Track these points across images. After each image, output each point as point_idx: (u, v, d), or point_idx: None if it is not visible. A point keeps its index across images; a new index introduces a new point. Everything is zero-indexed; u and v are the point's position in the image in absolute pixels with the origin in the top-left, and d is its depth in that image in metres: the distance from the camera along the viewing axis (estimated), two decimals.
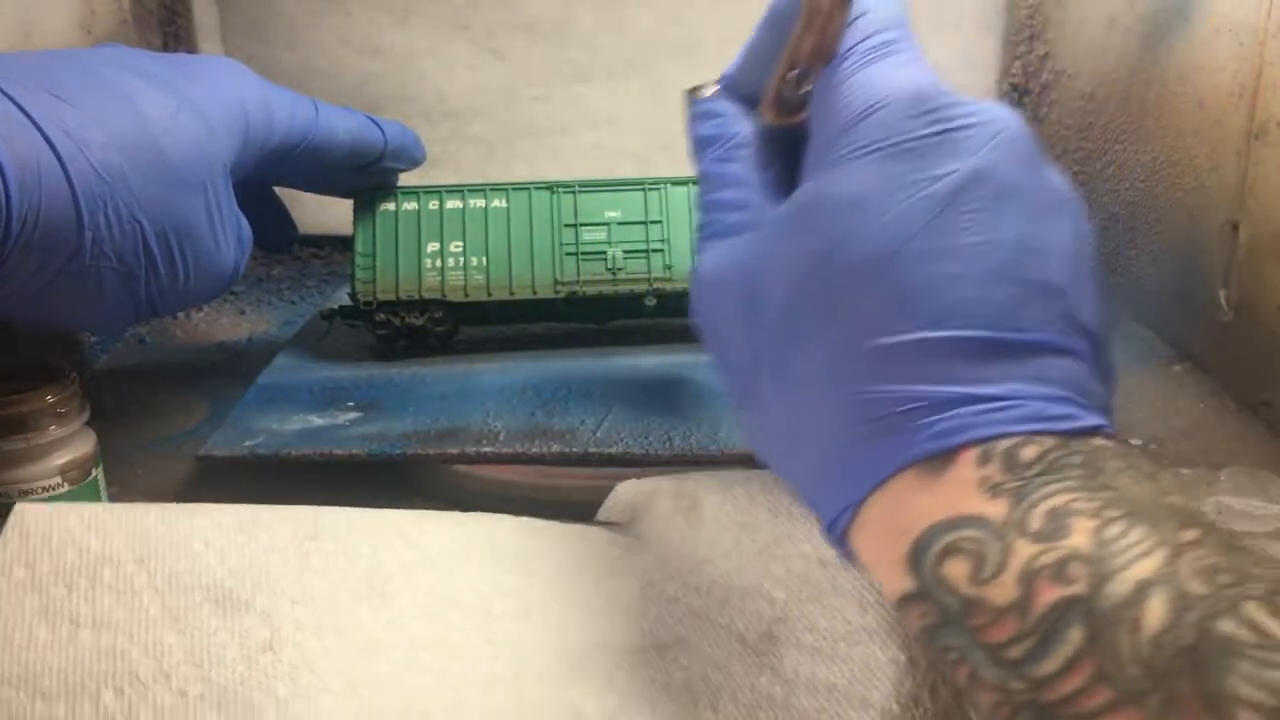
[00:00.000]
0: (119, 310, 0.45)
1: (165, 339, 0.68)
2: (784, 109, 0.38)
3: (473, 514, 0.41)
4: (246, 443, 0.49)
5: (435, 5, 0.76)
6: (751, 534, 0.40)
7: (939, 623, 0.28)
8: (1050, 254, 0.30)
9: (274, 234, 0.62)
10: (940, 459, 0.28)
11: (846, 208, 0.31)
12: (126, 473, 0.51)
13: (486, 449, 0.48)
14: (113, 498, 0.46)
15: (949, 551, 0.27)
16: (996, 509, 0.27)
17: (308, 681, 0.32)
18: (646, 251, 0.59)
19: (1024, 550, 0.26)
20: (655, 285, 0.59)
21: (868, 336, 0.30)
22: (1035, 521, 0.26)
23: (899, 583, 0.29)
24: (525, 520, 0.42)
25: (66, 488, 0.42)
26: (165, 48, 0.75)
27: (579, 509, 0.44)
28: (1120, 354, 0.62)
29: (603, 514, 0.44)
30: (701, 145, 0.39)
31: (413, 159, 0.60)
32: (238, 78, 0.50)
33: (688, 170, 0.61)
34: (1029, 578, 0.26)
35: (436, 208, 0.59)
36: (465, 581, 0.37)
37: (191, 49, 0.76)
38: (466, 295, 0.58)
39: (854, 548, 0.31)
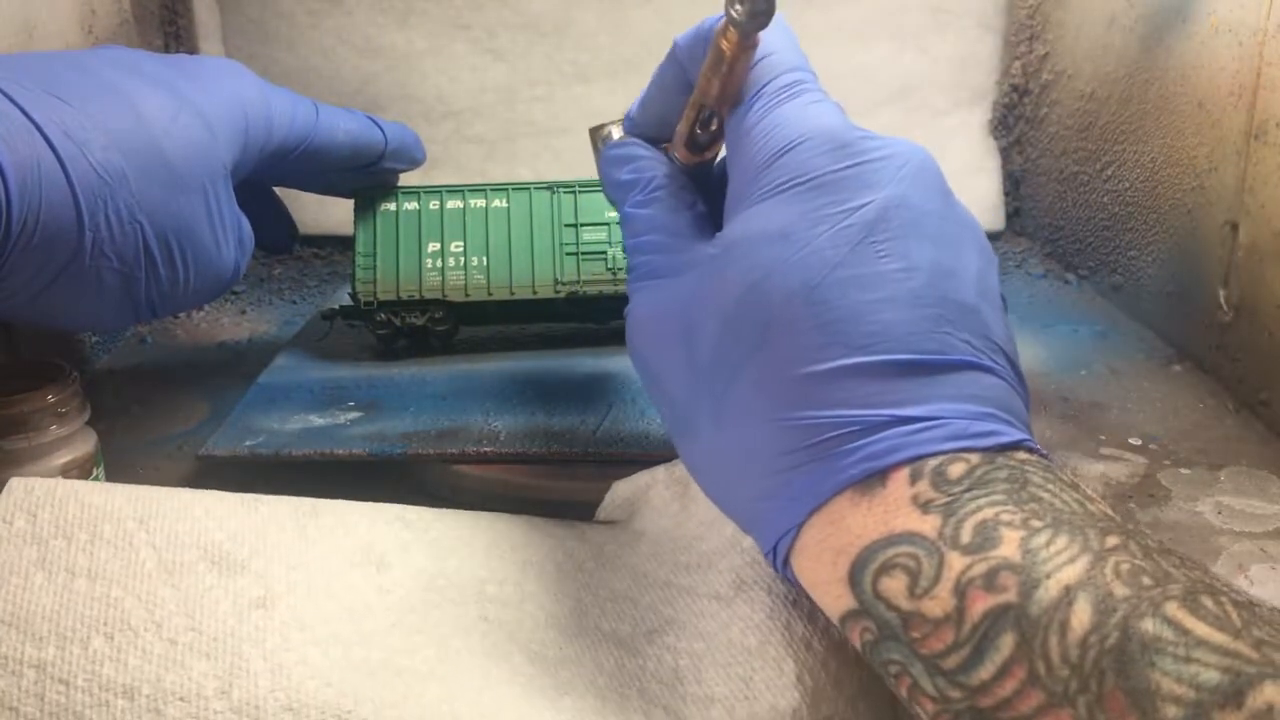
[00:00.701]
0: (119, 311, 0.46)
1: (166, 339, 0.68)
2: (695, 148, 0.40)
3: (472, 512, 0.41)
4: (247, 442, 0.49)
5: (435, 5, 0.76)
6: None
7: (879, 638, 0.28)
8: (962, 276, 0.32)
9: (275, 234, 0.62)
10: (873, 480, 0.29)
11: (771, 241, 0.32)
12: (127, 473, 0.51)
13: (486, 449, 0.48)
14: None
15: (886, 568, 0.28)
16: (929, 525, 0.28)
17: (297, 638, 0.33)
18: None
19: (957, 563, 0.27)
20: None
21: (797, 364, 0.31)
22: (966, 535, 0.27)
23: (840, 601, 0.30)
24: (523, 517, 0.42)
25: None
26: (166, 48, 0.75)
27: (579, 509, 0.44)
28: (1120, 354, 0.62)
29: (601, 512, 0.44)
30: (621, 189, 0.40)
31: (413, 159, 0.60)
32: (238, 79, 0.50)
33: None
34: (962, 589, 0.27)
35: (437, 208, 0.59)
36: (460, 563, 0.38)
37: (192, 49, 0.76)
38: (467, 295, 0.58)
39: (795, 570, 0.32)
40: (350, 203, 0.60)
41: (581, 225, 0.59)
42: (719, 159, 0.41)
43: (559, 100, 0.78)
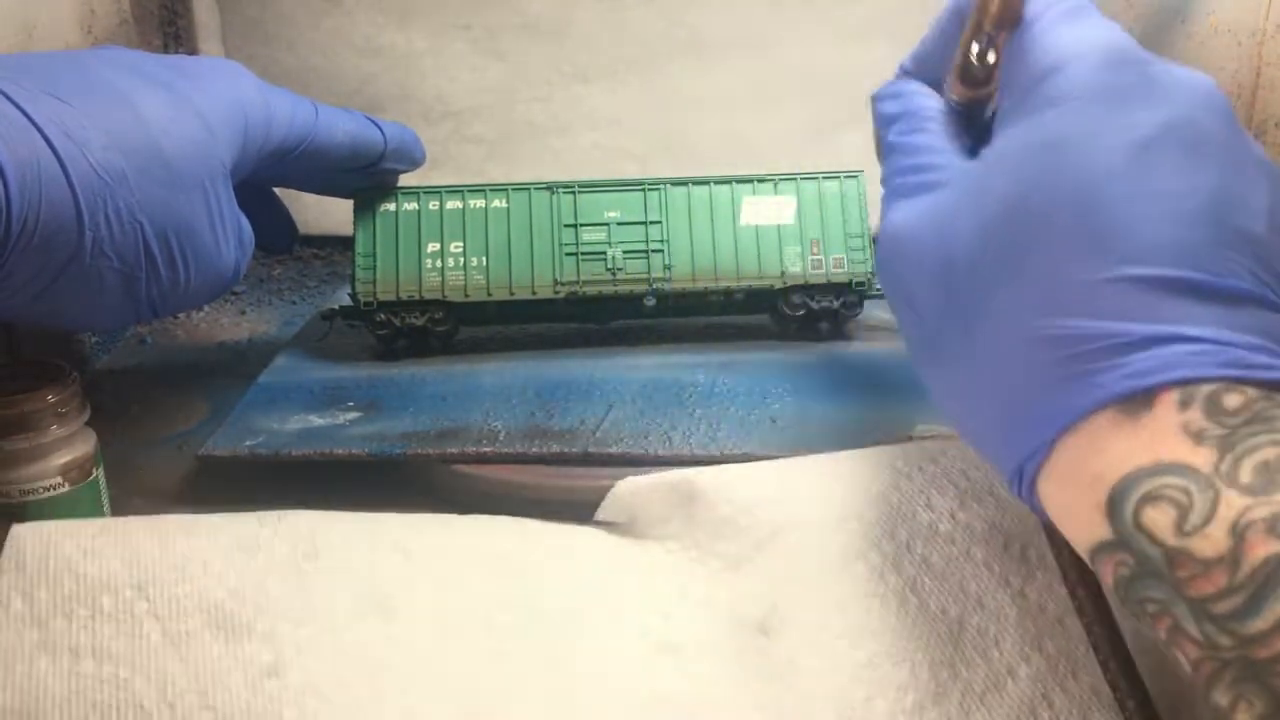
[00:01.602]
0: (119, 311, 0.46)
1: (166, 339, 0.68)
2: (970, 81, 0.38)
3: (468, 517, 0.41)
4: (247, 443, 0.49)
5: (435, 5, 0.76)
6: (749, 528, 0.40)
7: (1138, 573, 0.27)
8: (1248, 205, 0.30)
9: (274, 235, 0.62)
10: (1138, 400, 0.28)
11: (1044, 150, 0.31)
12: (127, 473, 0.51)
13: (486, 449, 0.48)
14: (113, 498, 0.46)
15: (1151, 499, 0.27)
16: (1202, 457, 0.26)
17: (313, 706, 0.32)
18: (646, 252, 0.59)
19: (1235, 502, 0.25)
20: (655, 285, 0.59)
21: (1064, 274, 0.29)
22: (1246, 474, 0.26)
23: (1093, 531, 0.28)
24: (522, 523, 0.41)
25: (67, 488, 0.42)
26: (166, 48, 0.75)
27: (579, 509, 0.44)
28: None
29: (601, 513, 0.44)
30: (887, 121, 0.40)
31: (412, 160, 0.60)
32: (237, 79, 0.50)
33: (687, 170, 0.62)
34: (1241, 531, 0.25)
35: (436, 208, 0.59)
36: (465, 594, 0.37)
37: (192, 50, 0.76)
38: (466, 295, 0.58)
39: (1041, 496, 0.30)
40: (350, 203, 0.60)
41: (581, 225, 0.59)
42: (991, 104, 0.40)
43: (559, 100, 0.78)
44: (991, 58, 0.37)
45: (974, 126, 0.39)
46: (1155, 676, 0.33)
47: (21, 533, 0.35)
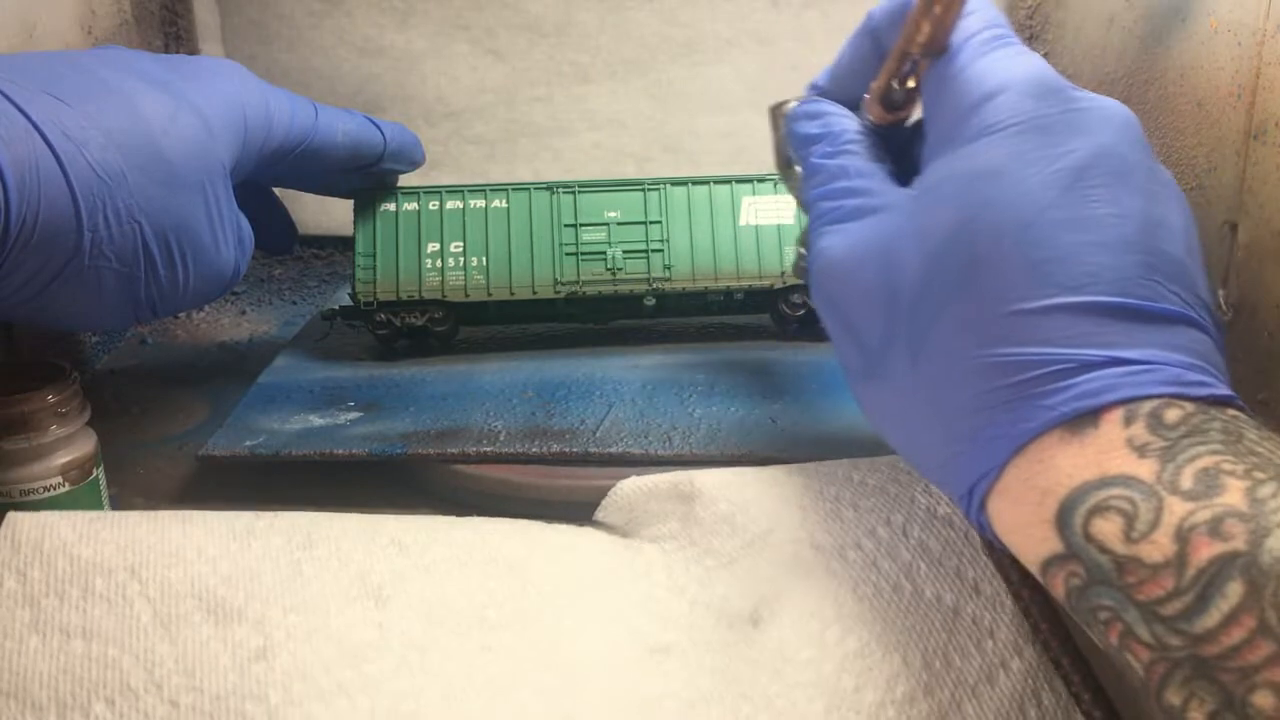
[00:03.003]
0: (119, 311, 0.46)
1: (166, 339, 0.68)
2: (890, 105, 0.39)
3: (467, 519, 0.41)
4: (247, 443, 0.49)
5: (435, 5, 0.76)
6: (744, 525, 0.39)
7: (1088, 582, 0.28)
8: (1171, 229, 0.32)
9: (274, 235, 0.62)
10: (1085, 419, 0.29)
11: (982, 179, 0.32)
12: (127, 473, 0.51)
13: (486, 449, 0.48)
14: (113, 498, 0.46)
15: (1098, 510, 0.28)
16: (1146, 468, 0.28)
17: (299, 690, 0.32)
18: (646, 252, 0.59)
19: (1177, 508, 0.27)
20: (655, 285, 0.59)
21: (1007, 301, 0.31)
22: (1186, 480, 0.27)
23: (1044, 545, 0.29)
24: (520, 524, 0.41)
25: (67, 487, 0.42)
26: (166, 48, 0.75)
27: (579, 509, 0.44)
28: None
29: (600, 512, 0.44)
30: (807, 142, 0.41)
31: (412, 160, 0.60)
32: (237, 79, 0.50)
33: (687, 170, 0.62)
34: (1184, 534, 0.26)
35: (437, 208, 0.59)
36: (459, 589, 0.37)
37: (192, 50, 0.76)
38: (466, 295, 0.58)
39: (991, 515, 0.31)
40: (350, 203, 0.60)
41: (581, 225, 0.59)
42: (908, 123, 0.40)
43: (559, 101, 0.78)
44: (912, 83, 0.38)
45: (891, 150, 0.40)
46: (1114, 692, 0.33)
47: (18, 516, 0.35)
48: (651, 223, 0.59)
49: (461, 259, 0.59)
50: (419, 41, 0.77)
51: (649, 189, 0.60)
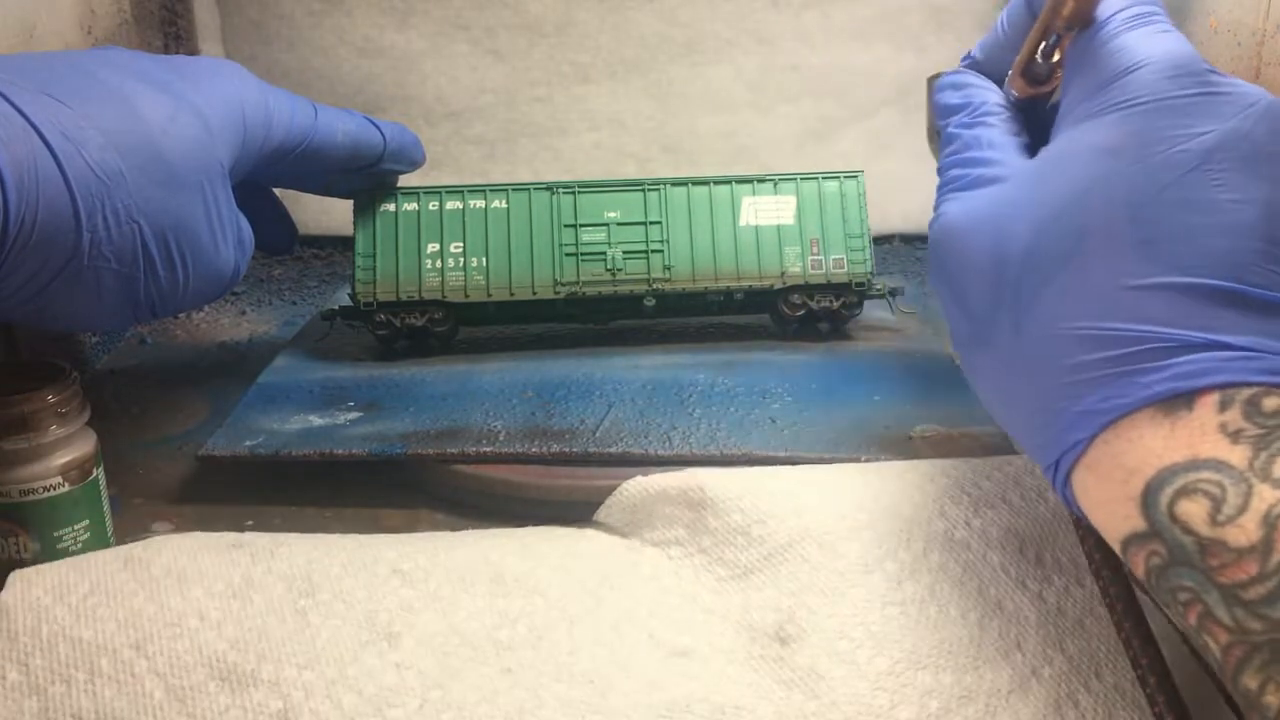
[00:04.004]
0: (118, 311, 0.45)
1: (166, 339, 0.68)
2: (1032, 78, 0.39)
3: (463, 534, 0.40)
4: (247, 443, 0.49)
5: (435, 5, 0.76)
6: (762, 538, 0.39)
7: (1170, 562, 0.28)
8: None
9: (274, 235, 0.62)
10: (1179, 400, 0.29)
11: (1102, 154, 0.32)
12: (127, 473, 0.51)
13: (486, 449, 0.48)
14: (113, 498, 0.46)
15: (1186, 491, 0.28)
16: (1237, 454, 0.27)
17: None
18: (646, 252, 0.59)
19: (1267, 495, 0.27)
20: (655, 286, 0.59)
21: (1113, 276, 0.31)
22: (1278, 469, 0.27)
23: (1127, 522, 0.29)
24: (518, 534, 0.41)
25: (67, 488, 0.42)
26: (166, 49, 0.75)
27: (579, 509, 0.44)
28: None
29: (603, 511, 0.44)
30: (947, 112, 0.41)
31: (412, 160, 0.60)
32: (236, 79, 0.50)
33: (687, 170, 0.61)
34: (1272, 522, 0.26)
35: (436, 208, 0.59)
36: (468, 613, 0.36)
37: (192, 50, 0.76)
38: (466, 296, 0.58)
39: (1075, 488, 0.32)
40: (350, 203, 0.60)
41: (581, 226, 0.59)
42: (1052, 100, 0.40)
43: (559, 101, 0.78)
44: (1056, 56, 0.38)
45: (1032, 124, 0.40)
46: (1179, 675, 0.33)
47: (8, 602, 0.34)
48: (651, 223, 0.59)
49: (461, 259, 0.59)
50: (419, 41, 0.77)
51: (649, 189, 0.60)
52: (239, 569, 0.36)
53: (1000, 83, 0.41)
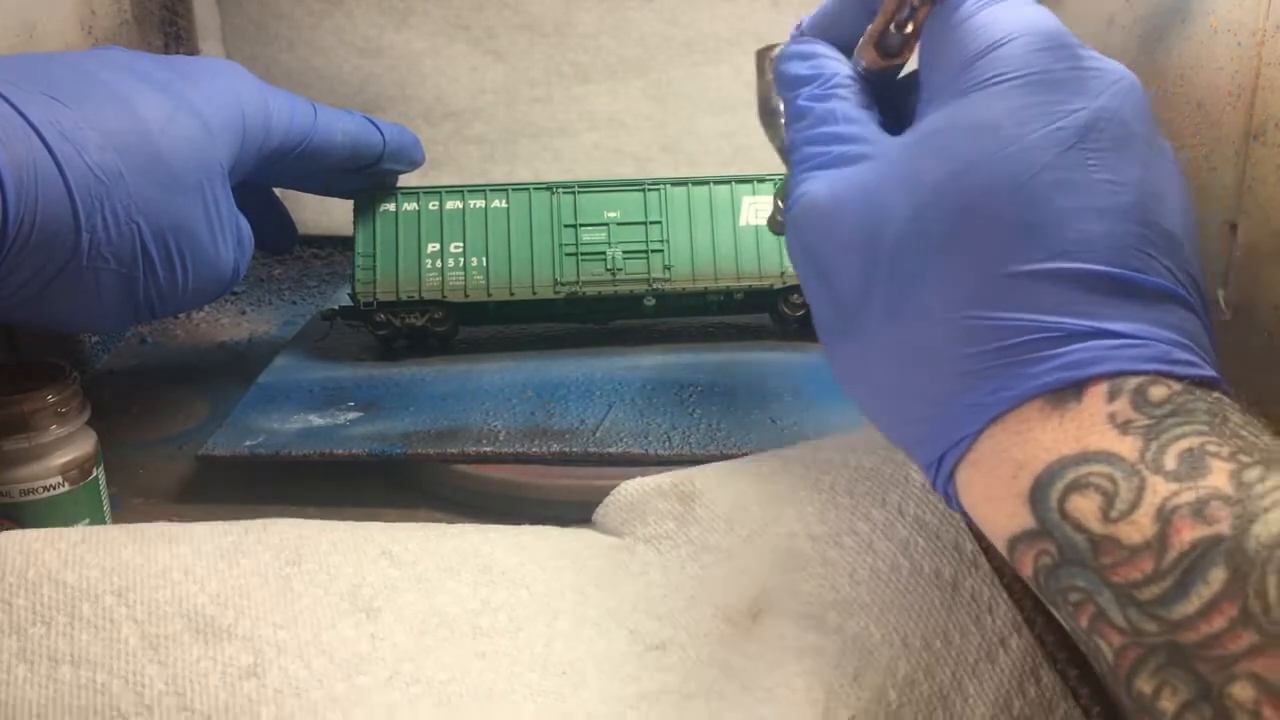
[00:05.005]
0: (118, 311, 0.46)
1: (166, 339, 0.68)
2: (885, 51, 0.37)
3: (458, 527, 0.41)
4: (247, 443, 0.49)
5: (435, 5, 0.76)
6: (741, 521, 0.39)
7: (1060, 562, 0.27)
8: (1168, 203, 0.30)
9: (274, 235, 0.62)
10: (1068, 391, 0.28)
11: (976, 133, 0.31)
12: (127, 473, 0.51)
13: (486, 449, 0.48)
14: (113, 497, 0.46)
15: (1076, 487, 0.27)
16: (1128, 446, 0.26)
17: (292, 705, 0.31)
18: (646, 252, 0.59)
19: (1160, 488, 0.25)
20: (655, 285, 0.59)
21: (995, 262, 0.29)
22: (1170, 461, 0.26)
23: (1015, 520, 0.28)
24: (511, 531, 0.41)
25: (67, 487, 0.42)
26: (166, 49, 0.75)
27: (579, 509, 0.44)
28: None
29: (601, 510, 0.44)
30: (795, 83, 0.38)
31: (412, 160, 0.60)
32: (235, 79, 0.50)
33: (687, 170, 0.61)
34: (1166, 516, 0.25)
35: (436, 208, 0.59)
36: (451, 598, 0.36)
37: (192, 50, 0.76)
38: (466, 296, 0.58)
39: (960, 486, 0.30)
40: (350, 203, 0.60)
41: (581, 226, 0.59)
42: (901, 73, 0.39)
43: (559, 101, 0.78)
44: (910, 28, 0.36)
45: (881, 96, 0.38)
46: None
47: (2, 543, 0.34)
48: (651, 223, 0.59)
49: (461, 259, 0.59)
50: (419, 42, 0.77)
51: (649, 189, 0.60)
52: (229, 536, 0.36)
53: (843, 53, 0.39)
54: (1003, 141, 0.30)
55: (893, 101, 0.38)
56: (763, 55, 0.44)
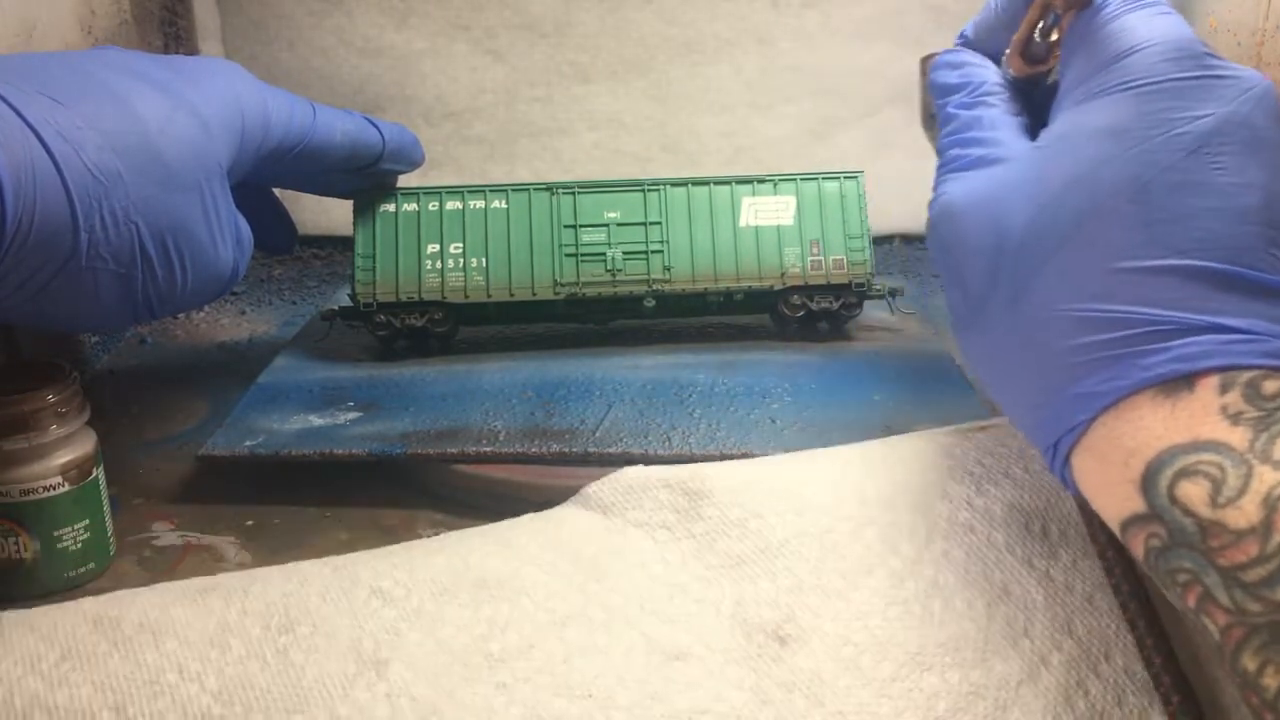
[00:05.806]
0: (117, 312, 0.45)
1: (166, 339, 0.68)
2: (1030, 58, 0.39)
3: (440, 539, 0.40)
4: (247, 443, 0.49)
5: (435, 5, 0.76)
6: (759, 531, 0.39)
7: (1169, 544, 0.28)
8: None
9: (274, 235, 0.62)
10: (1180, 382, 0.29)
11: (1102, 136, 0.32)
12: (127, 472, 0.51)
13: (486, 449, 0.48)
14: (113, 498, 0.46)
15: (1186, 474, 0.28)
16: (1238, 436, 0.28)
17: None
18: (646, 252, 0.59)
19: (1267, 477, 0.27)
20: (654, 286, 0.59)
21: (1114, 257, 0.31)
22: (1278, 451, 0.27)
23: (1127, 504, 0.29)
24: (495, 531, 0.40)
25: (67, 487, 0.42)
26: (166, 49, 0.75)
27: None
28: None
29: (593, 488, 0.41)
30: (945, 91, 0.41)
31: (411, 161, 0.60)
32: (235, 79, 0.50)
33: (687, 170, 0.61)
34: (1272, 503, 0.26)
35: (436, 209, 0.59)
36: (456, 626, 0.35)
37: (192, 50, 0.76)
38: (466, 296, 0.58)
39: (1075, 471, 0.32)
40: (350, 203, 0.60)
41: (581, 226, 0.59)
42: (1050, 79, 0.40)
43: (559, 101, 0.78)
44: (1054, 36, 0.38)
45: (1029, 103, 0.40)
46: (1182, 657, 0.33)
47: None
48: (651, 223, 0.59)
49: (461, 260, 0.59)
50: (419, 41, 0.77)
51: (649, 190, 0.60)
52: (213, 615, 0.35)
53: (996, 61, 0.41)
54: (1126, 144, 0.32)
55: (1043, 108, 0.39)
56: (924, 62, 0.45)
